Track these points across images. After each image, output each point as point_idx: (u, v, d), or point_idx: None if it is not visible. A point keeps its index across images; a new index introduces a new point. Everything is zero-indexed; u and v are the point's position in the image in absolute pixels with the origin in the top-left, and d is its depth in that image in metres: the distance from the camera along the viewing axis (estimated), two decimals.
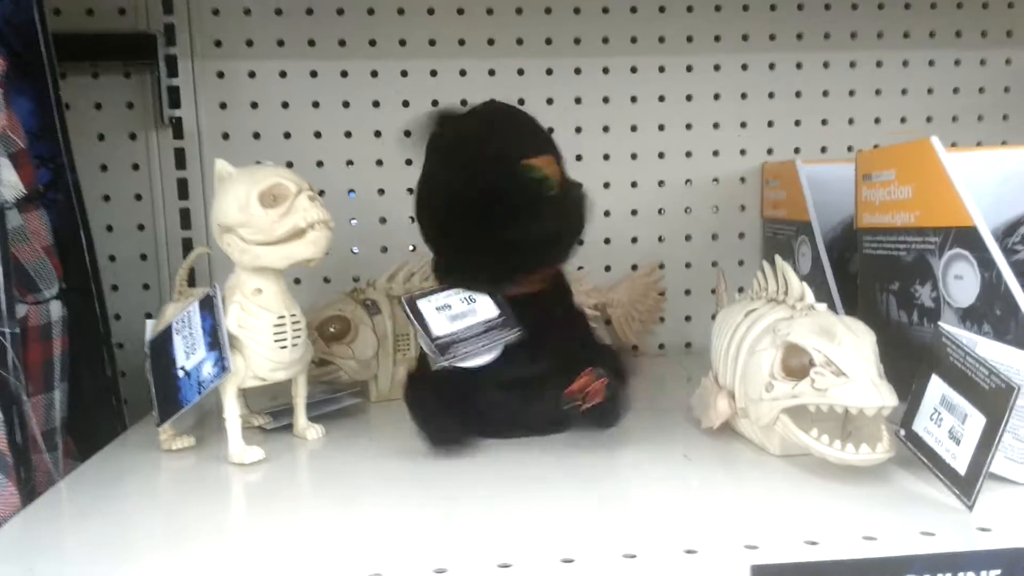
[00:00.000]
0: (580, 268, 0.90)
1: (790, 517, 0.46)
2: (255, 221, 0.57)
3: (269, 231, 0.57)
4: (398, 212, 0.92)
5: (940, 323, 0.51)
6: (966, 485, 0.46)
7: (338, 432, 0.67)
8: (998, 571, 0.33)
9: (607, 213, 0.94)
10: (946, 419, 0.48)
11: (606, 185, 0.94)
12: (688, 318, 0.97)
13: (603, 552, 0.42)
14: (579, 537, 0.44)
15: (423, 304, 0.63)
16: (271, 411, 0.70)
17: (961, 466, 0.46)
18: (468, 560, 0.42)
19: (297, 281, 0.91)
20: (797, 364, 0.50)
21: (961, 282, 0.54)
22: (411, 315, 0.63)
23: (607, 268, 0.95)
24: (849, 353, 0.48)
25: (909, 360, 0.52)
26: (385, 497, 0.53)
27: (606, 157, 0.94)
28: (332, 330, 0.75)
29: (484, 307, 0.64)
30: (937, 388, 0.49)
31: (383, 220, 0.92)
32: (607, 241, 0.95)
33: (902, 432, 0.51)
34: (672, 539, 0.44)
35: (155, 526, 0.49)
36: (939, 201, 0.56)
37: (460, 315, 0.63)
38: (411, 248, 0.92)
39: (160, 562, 0.44)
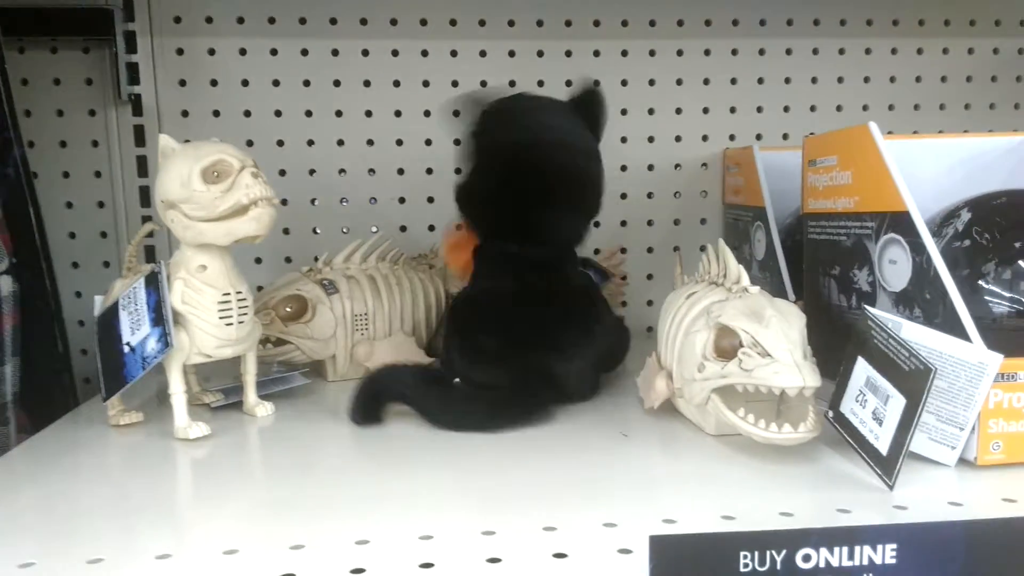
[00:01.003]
0: None
1: (713, 493, 0.47)
2: (197, 197, 0.57)
3: (211, 207, 0.57)
4: (359, 192, 0.92)
5: (865, 306, 0.51)
6: (887, 465, 0.47)
7: (290, 410, 0.68)
8: (894, 545, 0.34)
9: None
10: (870, 400, 0.49)
11: None
12: (650, 303, 0.98)
13: (524, 525, 0.43)
14: (502, 511, 0.45)
15: None
16: (222, 388, 0.71)
17: (883, 446, 0.47)
18: (389, 532, 0.43)
19: (258, 260, 0.91)
20: (727, 345, 0.51)
21: (895, 266, 0.55)
22: None
23: None
24: (775, 335, 0.49)
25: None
26: (328, 472, 0.54)
27: None
28: (289, 310, 0.76)
29: None
30: (863, 370, 0.50)
31: (344, 200, 0.92)
32: None
33: (830, 413, 0.52)
34: (594, 513, 0.44)
35: (94, 499, 0.50)
36: (876, 186, 0.56)
37: None
38: (373, 229, 0.92)
39: (96, 534, 0.44)
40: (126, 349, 0.60)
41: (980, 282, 0.56)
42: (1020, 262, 0.54)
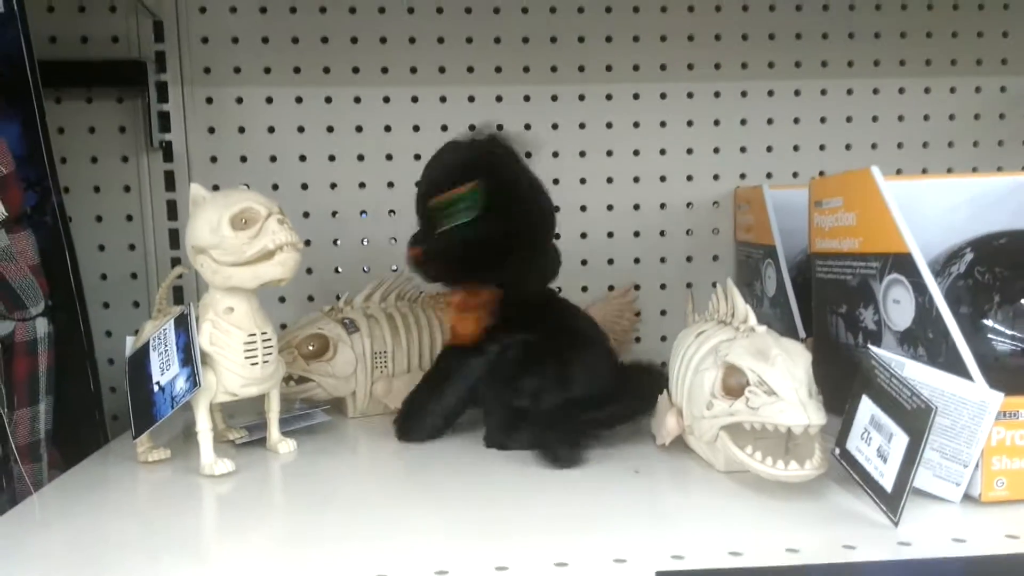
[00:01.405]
0: (559, 289, 0.93)
1: (721, 529, 0.49)
2: (226, 243, 0.60)
3: (239, 252, 0.60)
4: (380, 232, 0.95)
5: (869, 346, 0.53)
6: (892, 501, 0.48)
7: (311, 445, 0.70)
8: None
9: (584, 235, 0.97)
10: (875, 438, 0.50)
11: (583, 208, 0.96)
12: (663, 338, 0.99)
13: (536, 560, 0.44)
14: (515, 545, 0.47)
15: None
16: (246, 425, 0.73)
17: (888, 483, 0.48)
18: (406, 565, 0.44)
19: (282, 299, 0.94)
20: (735, 383, 0.53)
21: (899, 306, 0.57)
22: None
23: (584, 289, 0.97)
24: (780, 374, 0.51)
25: None
26: (347, 506, 0.56)
27: (583, 181, 0.96)
28: (311, 348, 0.78)
29: None
30: (867, 408, 0.51)
31: (365, 241, 0.95)
32: (584, 263, 0.97)
33: (837, 451, 0.53)
34: (605, 549, 0.46)
35: (123, 533, 0.52)
36: (879, 228, 0.58)
37: None
38: (393, 268, 0.95)
39: (125, 567, 0.46)
40: (156, 389, 0.63)
41: (983, 320, 0.57)
42: (1022, 301, 0.56)
